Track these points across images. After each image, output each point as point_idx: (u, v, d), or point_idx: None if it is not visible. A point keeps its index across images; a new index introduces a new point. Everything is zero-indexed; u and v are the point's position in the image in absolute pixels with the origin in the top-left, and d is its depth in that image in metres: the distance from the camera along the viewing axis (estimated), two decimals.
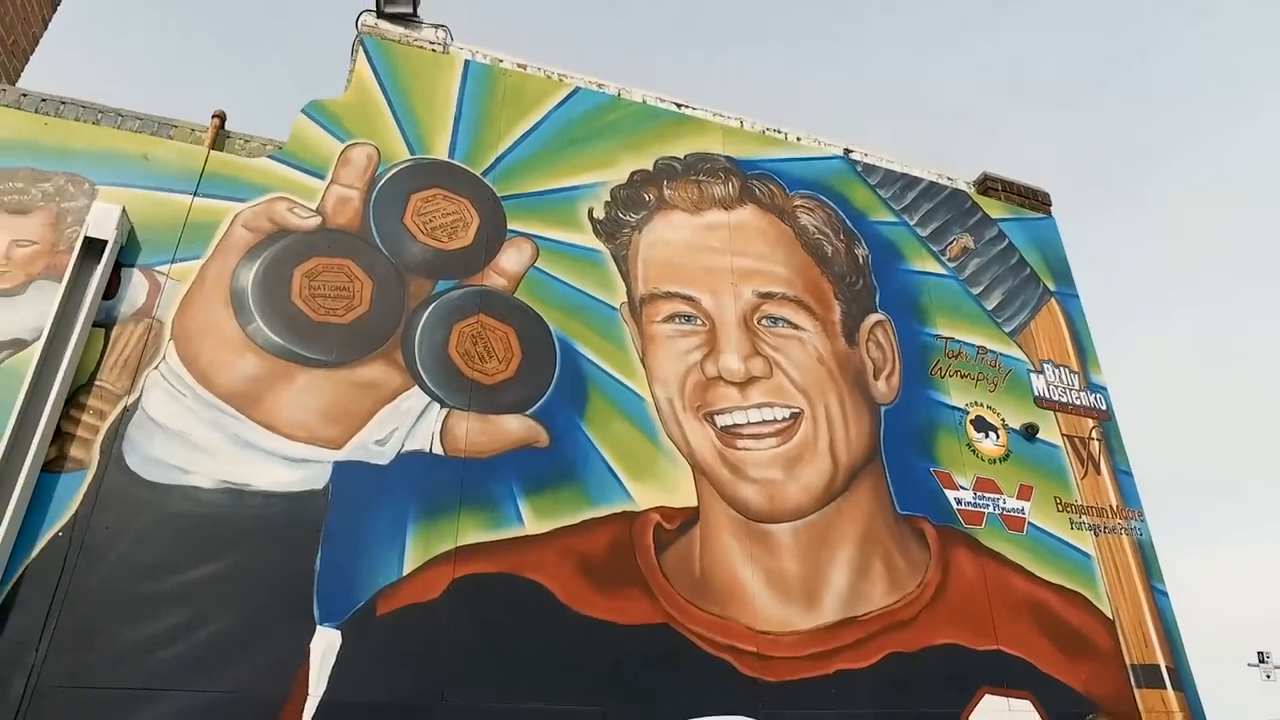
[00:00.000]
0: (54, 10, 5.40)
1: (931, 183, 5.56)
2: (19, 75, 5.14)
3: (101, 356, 3.38)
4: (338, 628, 3.22)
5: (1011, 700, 4.01)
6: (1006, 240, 5.55)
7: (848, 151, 5.50)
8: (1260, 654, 29.88)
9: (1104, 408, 5.21)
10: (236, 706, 3.01)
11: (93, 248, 3.45)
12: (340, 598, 3.27)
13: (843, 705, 3.71)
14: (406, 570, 3.39)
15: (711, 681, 3.65)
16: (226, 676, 3.03)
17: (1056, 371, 5.18)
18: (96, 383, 3.33)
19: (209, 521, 3.24)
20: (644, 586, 3.73)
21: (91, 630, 2.96)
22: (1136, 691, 4.30)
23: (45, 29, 5.36)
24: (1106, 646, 4.38)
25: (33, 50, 5.25)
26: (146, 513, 3.18)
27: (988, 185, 5.77)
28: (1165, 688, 4.39)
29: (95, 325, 3.40)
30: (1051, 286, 5.53)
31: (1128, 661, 4.37)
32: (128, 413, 3.31)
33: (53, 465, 3.13)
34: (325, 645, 3.18)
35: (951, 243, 5.34)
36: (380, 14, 4.67)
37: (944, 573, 4.22)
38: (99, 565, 3.05)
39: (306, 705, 3.07)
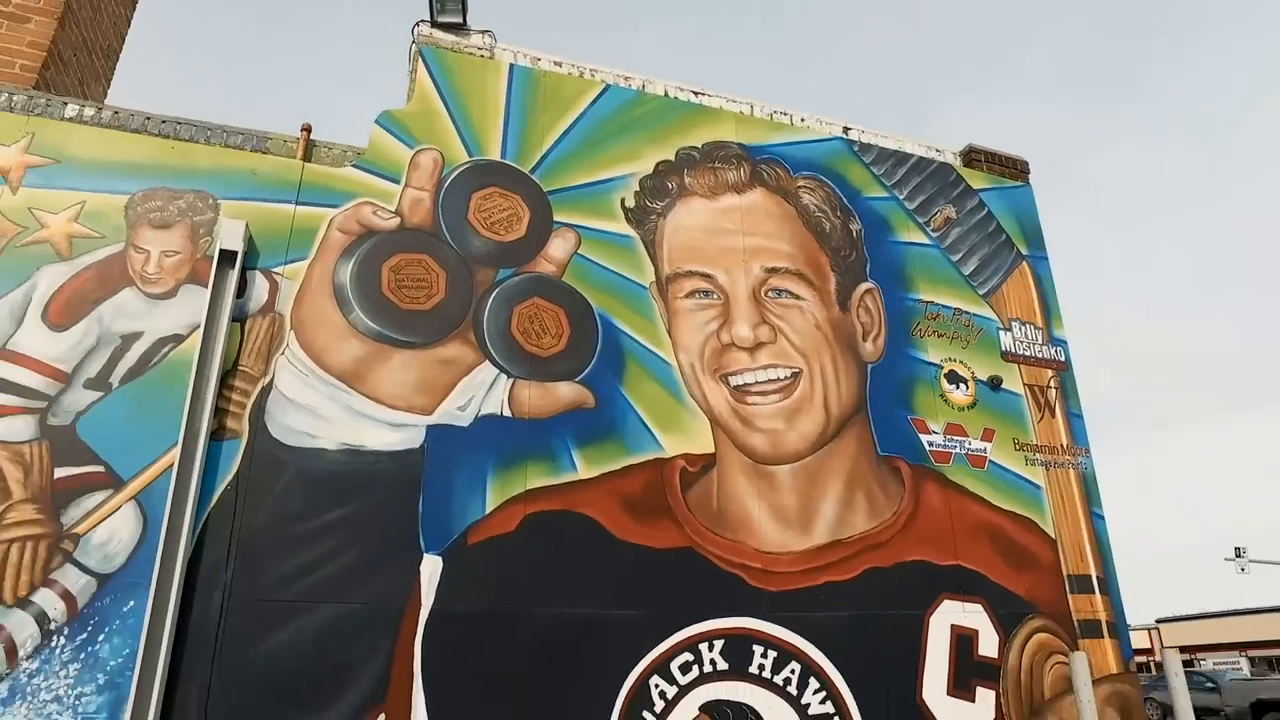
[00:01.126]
0: (133, 13, 6.01)
1: (921, 158, 6.24)
2: (112, 74, 5.82)
3: (240, 346, 4.23)
4: (440, 555, 4.17)
5: (966, 604, 5.00)
6: (986, 209, 6.26)
7: (846, 130, 6.17)
8: (1236, 549, 31.49)
9: (1063, 359, 6.04)
10: (370, 615, 3.98)
11: (225, 257, 4.25)
12: (439, 532, 4.21)
13: (829, 609, 4.70)
14: (488, 509, 4.32)
15: (726, 591, 4.61)
16: (360, 592, 4.00)
17: (1023, 328, 5.99)
18: (239, 367, 4.19)
19: (336, 476, 4.15)
20: (673, 518, 4.67)
21: (261, 559, 3.91)
22: (1070, 596, 5.30)
23: (129, 29, 5.99)
24: (1048, 561, 5.35)
25: (121, 49, 5.90)
26: (288, 470, 4.09)
27: (972, 157, 6.44)
28: (1094, 593, 5.38)
29: (232, 320, 4.24)
30: (1024, 251, 6.28)
31: (1065, 572, 5.35)
32: (265, 391, 4.19)
33: (216, 435, 4.02)
34: (431, 568, 4.14)
35: (936, 214, 6.06)
36: (434, 24, 5.29)
37: (915, 503, 5.15)
38: (259, 511, 3.98)
39: (420, 614, 4.05)
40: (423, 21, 5.30)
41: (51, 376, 3.89)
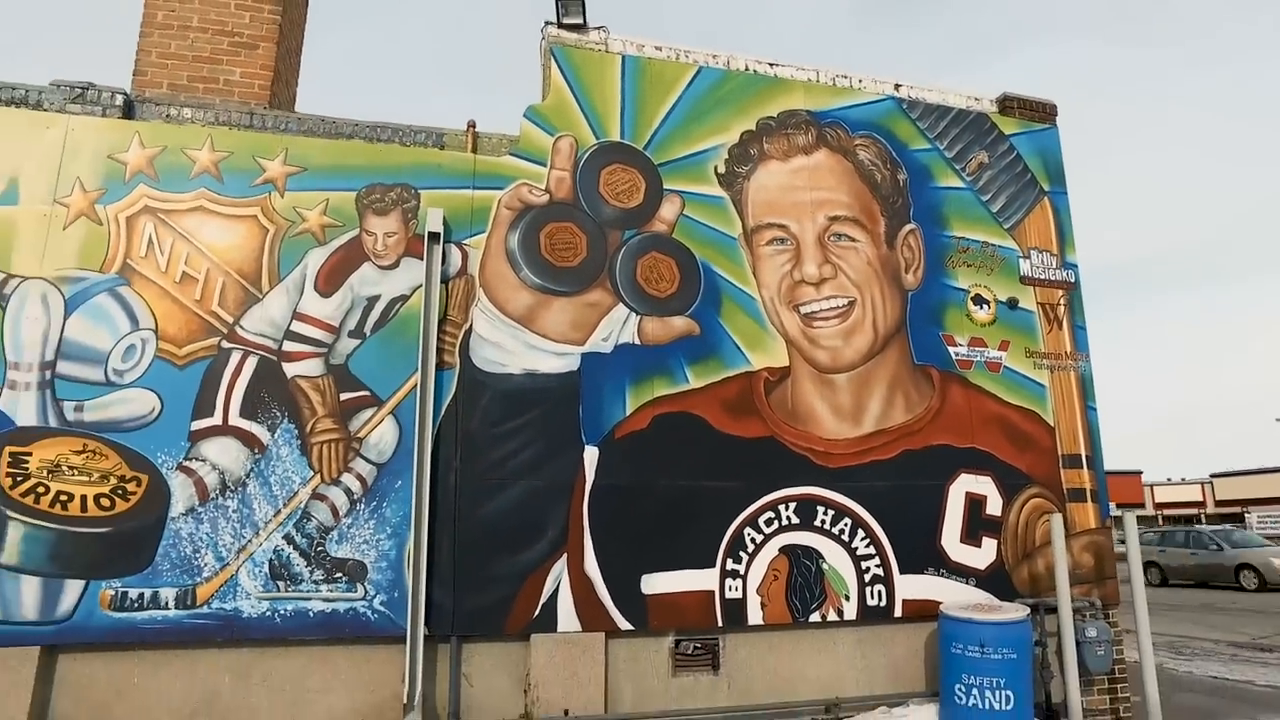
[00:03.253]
0: (307, 12, 7.32)
1: (961, 110, 7.38)
2: (299, 70, 7.21)
3: (447, 300, 5.85)
4: (596, 446, 5.87)
5: (978, 476, 6.62)
6: (1015, 152, 7.43)
7: (897, 87, 7.32)
8: None
9: (1072, 280, 7.36)
10: (551, 489, 5.74)
11: (431, 237, 5.80)
12: (595, 430, 5.90)
13: (873, 480, 6.36)
14: (628, 412, 5.98)
15: (798, 468, 6.27)
16: (544, 473, 5.75)
17: (1040, 255, 7.29)
18: (448, 317, 5.82)
19: (520, 393, 5.83)
20: (759, 415, 6.29)
21: (476, 451, 5.67)
22: (1062, 471, 6.88)
23: (306, 25, 7.33)
24: (1047, 444, 6.90)
25: (302, 47, 7.27)
26: (488, 390, 5.78)
27: (1005, 105, 7.56)
28: (1082, 468, 6.94)
29: (441, 283, 5.83)
30: (1046, 187, 7.48)
31: (1060, 453, 6.91)
32: (467, 334, 5.82)
33: (439, 366, 5.70)
34: (591, 456, 5.86)
35: (970, 160, 7.27)
36: (559, 25, 6.54)
37: (942, 401, 6.69)
38: (471, 419, 5.71)
39: (586, 487, 5.80)
40: (549, 23, 6.56)
41: (327, 330, 5.58)
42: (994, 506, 6.62)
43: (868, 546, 6.26)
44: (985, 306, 7.03)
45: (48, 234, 5.24)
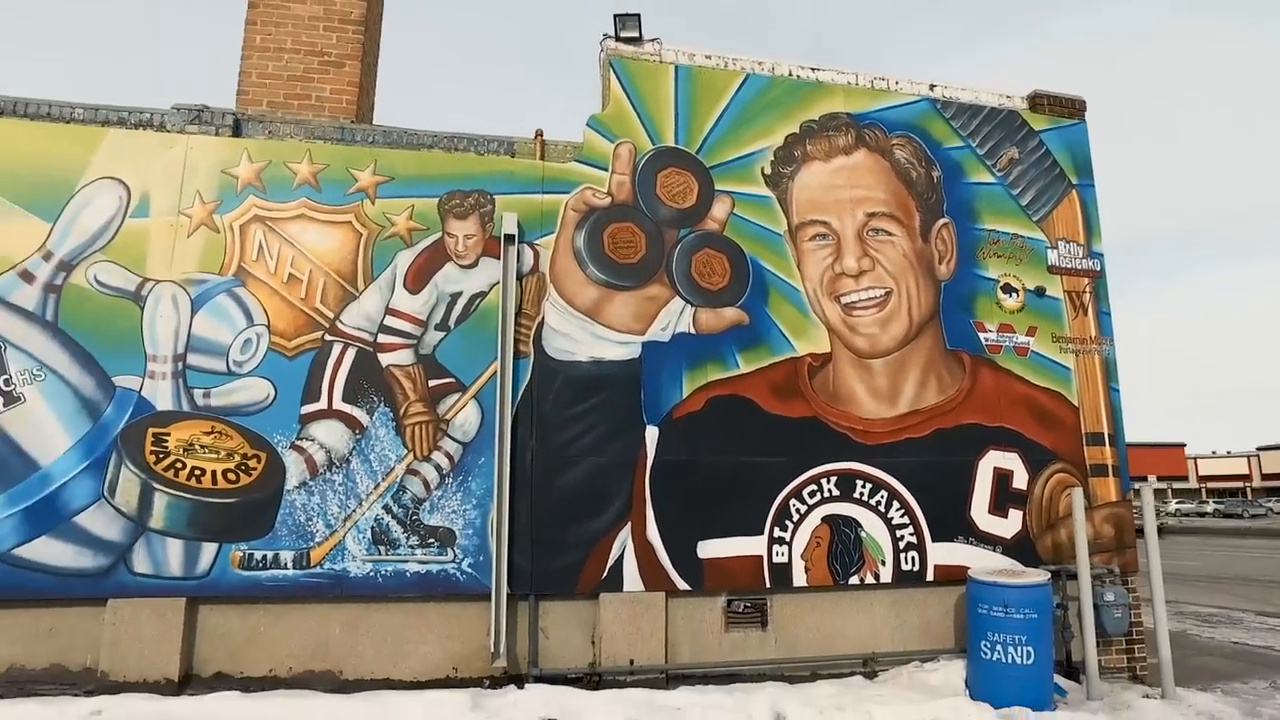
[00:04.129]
0: (381, 25, 7.92)
1: (992, 108, 7.81)
2: (376, 81, 7.83)
3: (521, 295, 6.48)
4: (656, 425, 6.50)
5: (1006, 453, 7.15)
6: (1045, 148, 7.86)
7: (932, 87, 7.78)
8: None
9: (1098, 269, 7.80)
10: (616, 465, 6.38)
11: (507, 239, 6.42)
12: (655, 411, 6.52)
13: (909, 456, 6.92)
14: (684, 395, 6.58)
15: (838, 445, 6.84)
16: (610, 450, 6.39)
17: (1067, 246, 7.73)
18: (523, 310, 6.46)
19: (588, 379, 6.45)
20: (803, 397, 6.87)
21: (549, 431, 6.31)
22: (1085, 448, 7.38)
23: (381, 41, 7.93)
24: (1071, 423, 7.40)
25: (378, 59, 7.88)
26: (559, 377, 6.41)
27: (1036, 101, 7.97)
28: (1104, 445, 7.44)
29: (516, 280, 6.46)
30: (1074, 180, 7.90)
31: (1083, 431, 7.41)
32: (540, 325, 6.45)
33: (516, 355, 6.35)
34: (652, 435, 6.49)
35: (1001, 156, 7.72)
36: (617, 39, 7.08)
37: (973, 383, 7.21)
38: (544, 403, 6.35)
39: (647, 463, 6.43)
40: (608, 37, 7.10)
41: (416, 324, 6.25)
42: (1020, 481, 7.16)
43: (902, 516, 6.84)
44: (1014, 295, 7.52)
45: (174, 242, 5.94)
